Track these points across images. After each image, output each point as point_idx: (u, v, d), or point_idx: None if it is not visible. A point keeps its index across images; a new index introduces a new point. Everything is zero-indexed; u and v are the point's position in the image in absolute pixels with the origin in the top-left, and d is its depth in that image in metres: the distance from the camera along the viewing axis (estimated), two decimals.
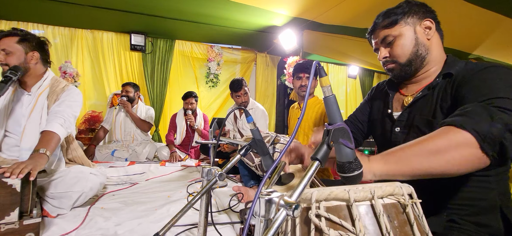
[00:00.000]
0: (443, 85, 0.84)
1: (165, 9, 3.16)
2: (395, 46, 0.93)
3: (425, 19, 0.90)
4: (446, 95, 0.82)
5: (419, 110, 0.88)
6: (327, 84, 0.59)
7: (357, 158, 0.59)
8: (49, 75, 1.59)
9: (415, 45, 0.90)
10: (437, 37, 0.92)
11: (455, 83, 0.80)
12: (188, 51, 4.25)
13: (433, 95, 0.85)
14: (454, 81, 0.81)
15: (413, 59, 0.91)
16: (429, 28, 0.90)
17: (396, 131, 0.94)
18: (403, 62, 0.92)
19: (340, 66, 5.36)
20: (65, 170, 1.51)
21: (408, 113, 0.92)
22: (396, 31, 0.92)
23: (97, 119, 3.55)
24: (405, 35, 0.91)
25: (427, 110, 0.86)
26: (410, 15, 0.90)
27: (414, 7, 0.91)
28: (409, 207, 0.49)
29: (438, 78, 0.87)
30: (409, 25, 0.91)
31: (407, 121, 0.92)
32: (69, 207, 1.42)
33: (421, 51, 0.90)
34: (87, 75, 3.73)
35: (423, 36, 0.90)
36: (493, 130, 0.60)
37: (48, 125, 1.38)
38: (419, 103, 0.90)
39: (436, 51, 0.91)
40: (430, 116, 0.84)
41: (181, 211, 0.77)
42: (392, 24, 0.92)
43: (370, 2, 2.70)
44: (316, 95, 2.18)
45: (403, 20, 0.91)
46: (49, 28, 3.48)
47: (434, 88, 0.86)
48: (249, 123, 0.86)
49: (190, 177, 2.38)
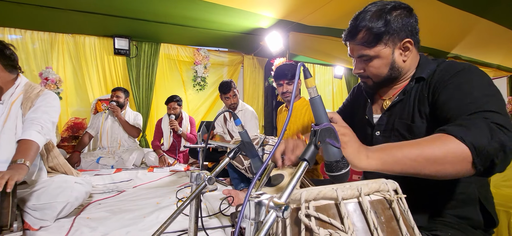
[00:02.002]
0: (418, 89, 0.84)
1: (149, 12, 3.12)
2: (371, 66, 0.88)
3: (404, 40, 0.84)
4: (423, 99, 0.82)
5: (398, 114, 0.88)
6: (313, 85, 0.60)
7: (344, 157, 0.61)
8: (21, 81, 1.50)
9: (390, 68, 0.87)
10: (414, 52, 0.88)
11: (431, 88, 0.80)
12: (174, 55, 4.20)
13: (410, 100, 0.85)
14: (429, 85, 0.81)
15: (387, 79, 0.90)
16: (408, 49, 0.85)
17: (376, 134, 0.94)
18: (377, 81, 0.91)
19: (326, 67, 5.45)
20: (48, 180, 1.45)
21: (387, 118, 0.92)
22: (373, 52, 0.85)
23: (81, 125, 3.44)
24: (381, 58, 0.86)
25: (405, 115, 0.86)
26: (390, 35, 0.82)
27: (395, 25, 0.82)
28: (394, 202, 0.50)
29: (411, 82, 0.87)
30: (388, 47, 0.84)
31: (387, 124, 0.91)
32: (52, 218, 1.36)
33: (394, 74, 0.88)
34: (69, 81, 3.62)
35: (400, 58, 0.86)
36: (489, 148, 0.61)
37: (25, 133, 1.31)
38: (397, 107, 0.90)
39: (410, 63, 0.89)
40: (409, 120, 0.85)
41: (170, 218, 0.75)
42: (370, 44, 0.84)
43: (354, 4, 2.77)
44: (303, 96, 2.21)
45: (383, 42, 0.83)
46: (27, 33, 3.36)
47: (410, 93, 0.86)
48: (237, 125, 0.86)
49: (180, 182, 2.34)
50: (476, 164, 0.61)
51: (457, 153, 0.61)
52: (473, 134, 0.62)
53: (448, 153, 0.62)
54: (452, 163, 0.62)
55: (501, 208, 1.74)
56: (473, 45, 4.08)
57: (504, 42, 3.89)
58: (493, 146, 0.61)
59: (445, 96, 0.75)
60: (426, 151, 0.63)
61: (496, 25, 3.30)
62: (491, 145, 0.61)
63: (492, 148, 0.61)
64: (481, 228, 0.80)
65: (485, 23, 3.25)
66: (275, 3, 2.90)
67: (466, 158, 0.61)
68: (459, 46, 4.18)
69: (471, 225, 0.79)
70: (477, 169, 0.62)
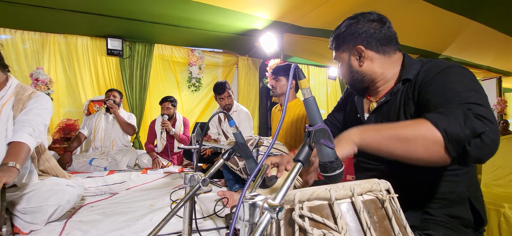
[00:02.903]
0: (404, 90, 0.87)
1: (143, 12, 3.09)
2: (339, 68, 1.01)
3: (356, 47, 0.91)
4: (408, 100, 0.84)
5: (385, 115, 0.91)
6: (306, 86, 0.60)
7: (338, 157, 0.61)
8: (12, 83, 1.46)
9: (350, 72, 0.96)
10: (376, 57, 0.91)
11: (416, 88, 0.82)
12: (168, 56, 4.18)
13: (396, 101, 0.88)
14: (414, 85, 0.83)
15: (352, 82, 0.98)
16: (361, 55, 0.91)
17: None
18: (347, 82, 1.01)
19: (320, 68, 5.49)
20: (39, 183, 1.42)
21: (374, 118, 0.95)
22: (337, 57, 0.99)
23: (73, 127, 3.39)
24: (343, 62, 0.98)
25: (392, 115, 0.89)
26: (345, 43, 0.94)
27: (348, 32, 0.92)
28: (387, 202, 0.51)
29: (398, 84, 0.89)
30: (345, 53, 0.95)
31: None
32: (43, 222, 1.34)
33: (356, 77, 0.95)
34: (60, 82, 3.56)
35: (356, 63, 0.94)
36: (461, 135, 0.63)
37: (16, 136, 1.28)
38: (383, 108, 0.92)
39: (377, 68, 0.92)
40: (395, 120, 0.87)
41: (164, 220, 0.75)
42: (336, 49, 0.98)
43: (347, 5, 2.80)
44: (298, 97, 2.22)
45: (341, 48, 0.96)
46: (17, 33, 3.30)
47: (396, 94, 0.89)
48: (232, 126, 0.86)
49: (174, 183, 2.33)
50: (448, 150, 0.64)
51: (428, 136, 0.65)
52: (448, 120, 0.65)
53: (419, 134, 0.66)
54: (424, 146, 0.66)
55: (491, 207, 1.78)
56: (463, 47, 4.16)
57: (493, 44, 3.98)
58: (465, 132, 0.63)
59: (429, 95, 0.77)
60: (400, 131, 0.70)
61: (486, 27, 3.37)
62: (463, 131, 0.63)
63: (464, 134, 0.63)
64: (471, 226, 0.81)
65: (475, 25, 3.31)
66: (270, 4, 2.91)
67: (437, 142, 0.64)
68: (450, 48, 4.26)
69: (462, 224, 0.81)
70: (451, 156, 0.65)
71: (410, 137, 0.67)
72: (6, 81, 1.45)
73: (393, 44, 0.92)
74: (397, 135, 0.69)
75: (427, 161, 0.67)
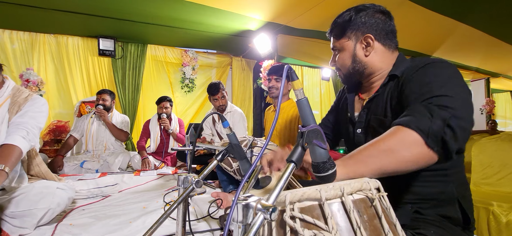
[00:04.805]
0: (392, 85, 0.88)
1: (135, 13, 3.06)
2: (339, 58, 0.98)
3: (366, 35, 0.90)
4: (394, 96, 0.85)
5: (373, 111, 0.92)
6: (299, 87, 0.60)
7: (331, 158, 0.62)
8: (9, 84, 1.45)
9: (352, 61, 0.94)
10: (380, 49, 0.92)
11: (400, 83, 0.84)
12: (162, 56, 4.15)
13: (383, 96, 0.89)
14: (399, 81, 0.85)
15: (352, 73, 0.96)
16: (369, 44, 0.91)
17: (357, 132, 0.97)
18: (345, 73, 0.99)
19: (314, 69, 5.53)
20: (28, 186, 1.39)
21: (365, 114, 0.95)
22: (340, 44, 0.96)
23: (64, 129, 3.33)
24: (346, 50, 0.95)
25: (379, 111, 0.89)
26: (353, 30, 0.92)
27: (358, 20, 0.91)
28: (376, 200, 0.52)
29: (386, 79, 0.90)
30: (351, 41, 0.93)
31: (365, 122, 0.95)
32: (33, 226, 1.31)
33: (357, 67, 0.94)
34: (51, 82, 3.50)
35: (362, 53, 0.93)
36: (433, 126, 0.64)
37: (9, 138, 1.25)
38: (373, 104, 0.93)
39: (378, 62, 0.93)
40: (382, 115, 0.88)
41: (157, 222, 0.74)
42: (337, 36, 0.96)
43: (340, 7, 2.82)
44: (291, 98, 2.23)
45: (347, 35, 0.93)
46: (6, 32, 3.23)
47: (384, 90, 0.90)
48: (225, 127, 0.86)
49: (167, 185, 2.31)
50: (430, 145, 0.65)
51: (407, 139, 0.66)
52: (416, 118, 0.66)
53: (399, 140, 0.66)
54: (408, 150, 0.65)
55: (480, 205, 1.82)
56: (453, 49, 4.25)
57: (482, 46, 4.08)
58: (437, 123, 0.64)
59: (407, 90, 0.79)
60: (380, 144, 0.68)
61: (474, 29, 3.45)
62: (434, 124, 0.64)
63: (436, 125, 0.64)
64: (460, 225, 0.83)
65: (464, 27, 3.39)
66: (263, 5, 2.92)
67: (417, 142, 0.65)
68: (440, 50, 4.34)
69: (451, 223, 0.82)
70: (436, 151, 0.65)
71: (392, 146, 0.66)
72: (3, 84, 1.43)
73: (395, 40, 0.94)
74: (380, 149, 0.66)
75: (416, 163, 0.67)
